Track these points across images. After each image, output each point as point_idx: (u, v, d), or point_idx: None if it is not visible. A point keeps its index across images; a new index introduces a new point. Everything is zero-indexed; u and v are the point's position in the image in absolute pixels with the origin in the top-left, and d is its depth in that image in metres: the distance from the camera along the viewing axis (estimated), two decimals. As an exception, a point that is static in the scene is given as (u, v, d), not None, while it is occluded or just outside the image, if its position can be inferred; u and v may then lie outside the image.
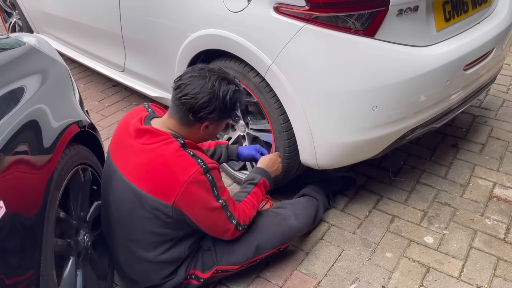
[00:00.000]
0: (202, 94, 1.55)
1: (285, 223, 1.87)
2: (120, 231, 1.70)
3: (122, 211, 1.66)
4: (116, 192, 1.66)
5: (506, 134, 2.83)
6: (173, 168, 1.54)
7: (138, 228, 1.64)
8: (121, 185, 1.63)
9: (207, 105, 1.56)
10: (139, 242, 1.67)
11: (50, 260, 1.37)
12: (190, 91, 1.56)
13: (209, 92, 1.56)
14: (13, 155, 1.25)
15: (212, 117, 1.59)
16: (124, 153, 1.65)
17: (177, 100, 1.59)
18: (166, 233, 1.64)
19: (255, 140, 2.31)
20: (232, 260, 1.77)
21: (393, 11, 1.82)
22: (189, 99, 1.56)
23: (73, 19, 3.14)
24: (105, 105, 3.34)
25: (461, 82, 2.11)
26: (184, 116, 1.60)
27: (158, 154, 1.56)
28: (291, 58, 1.85)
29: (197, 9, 2.15)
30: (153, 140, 1.58)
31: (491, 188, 2.40)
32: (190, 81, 1.58)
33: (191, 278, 1.76)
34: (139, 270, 1.72)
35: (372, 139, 1.96)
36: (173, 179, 1.53)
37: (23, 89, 1.47)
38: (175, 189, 1.53)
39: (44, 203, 1.35)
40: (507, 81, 3.46)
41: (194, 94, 1.55)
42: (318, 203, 2.12)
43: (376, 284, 1.89)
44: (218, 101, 1.57)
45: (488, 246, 2.06)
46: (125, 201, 1.63)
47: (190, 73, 1.61)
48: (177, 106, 1.59)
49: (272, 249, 1.84)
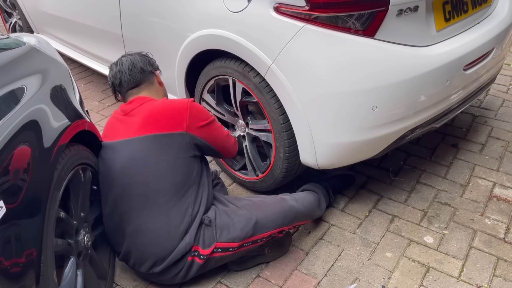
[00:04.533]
0: (133, 60, 1.95)
1: (284, 203, 1.92)
2: (132, 195, 1.75)
3: (133, 173, 1.75)
4: (124, 159, 1.77)
5: (506, 134, 2.83)
6: (172, 105, 1.81)
7: (152, 180, 1.74)
8: (129, 146, 1.77)
9: (142, 61, 1.96)
10: (151, 197, 1.73)
11: (50, 260, 1.38)
12: (128, 66, 1.93)
13: (132, 59, 1.96)
14: (13, 155, 1.25)
15: (154, 66, 2.00)
16: (122, 129, 1.83)
17: (129, 75, 1.92)
18: (178, 174, 1.75)
19: (255, 140, 2.31)
20: (231, 235, 1.78)
21: (393, 11, 1.82)
22: (133, 67, 1.93)
23: (73, 19, 3.14)
24: (105, 105, 3.34)
25: (461, 82, 2.11)
26: (145, 75, 1.95)
27: (154, 105, 1.82)
28: (291, 58, 1.85)
29: (197, 9, 2.16)
30: (143, 101, 1.86)
31: (491, 188, 2.40)
32: (119, 67, 1.95)
33: (194, 255, 1.77)
34: (151, 232, 1.73)
35: (372, 139, 1.96)
36: (177, 110, 1.79)
37: (23, 89, 1.47)
38: (183, 116, 1.78)
39: (44, 203, 1.35)
40: (507, 81, 3.46)
41: (131, 63, 1.94)
42: (319, 196, 2.13)
43: (376, 284, 1.90)
44: (142, 56, 2.00)
45: (488, 246, 2.06)
46: (136, 160, 1.75)
47: (114, 70, 1.96)
48: (133, 75, 1.92)
49: (273, 229, 1.85)
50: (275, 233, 1.87)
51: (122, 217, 1.78)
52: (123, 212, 1.78)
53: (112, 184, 1.79)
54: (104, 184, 1.83)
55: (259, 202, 1.91)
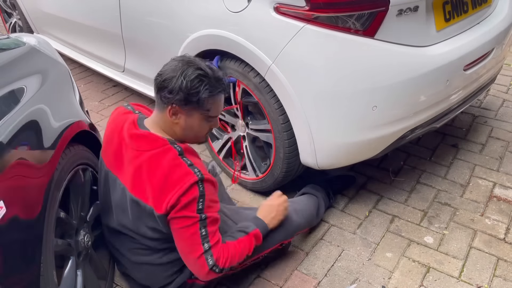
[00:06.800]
0: (168, 72, 1.52)
1: (285, 219, 1.85)
2: (125, 238, 1.69)
3: (125, 219, 1.64)
4: (118, 202, 1.65)
5: (506, 134, 2.83)
6: (169, 179, 1.48)
7: (141, 234, 1.62)
8: (123, 195, 1.61)
9: (168, 83, 1.50)
10: (143, 245, 1.66)
11: (50, 260, 1.38)
12: (162, 72, 1.55)
13: (173, 70, 1.52)
14: (13, 155, 1.25)
15: (172, 97, 1.50)
16: (122, 161, 1.61)
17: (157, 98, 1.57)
18: (167, 238, 1.60)
19: (255, 140, 2.31)
20: None
21: (393, 11, 1.82)
22: (157, 77, 1.54)
23: (73, 20, 3.14)
24: (105, 105, 3.34)
25: (461, 82, 2.11)
26: (157, 99, 1.56)
27: (155, 163, 1.52)
28: (291, 58, 1.85)
29: (197, 9, 2.16)
30: (149, 147, 1.55)
31: (491, 188, 2.40)
32: (167, 66, 1.57)
33: (194, 278, 1.75)
34: (147, 270, 1.71)
35: (372, 139, 1.96)
36: (169, 189, 1.48)
37: (23, 89, 1.47)
38: (169, 200, 1.47)
39: (44, 203, 1.35)
40: (507, 81, 3.46)
41: (162, 72, 1.54)
42: (319, 201, 2.13)
43: (376, 284, 1.89)
44: (179, 80, 1.49)
45: (488, 246, 2.06)
46: (126, 211, 1.62)
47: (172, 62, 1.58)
48: (156, 91, 1.56)
49: (273, 245, 1.84)
50: (276, 248, 1.86)
51: (117, 248, 1.75)
52: (117, 245, 1.74)
53: (108, 213, 1.73)
54: (102, 204, 1.77)
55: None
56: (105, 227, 1.78)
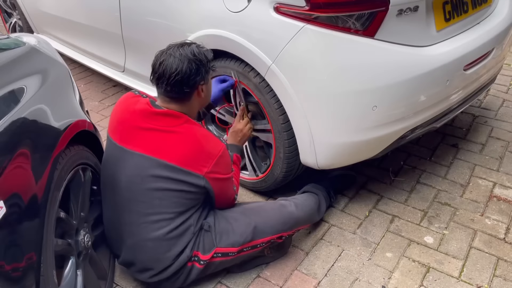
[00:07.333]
0: (180, 65, 1.66)
1: (284, 209, 1.92)
2: (134, 211, 1.72)
3: (139, 190, 1.70)
4: (133, 173, 1.71)
5: (506, 134, 2.83)
6: (204, 144, 1.71)
7: (157, 203, 1.70)
8: (141, 163, 1.69)
9: (190, 70, 1.66)
10: (155, 217, 1.70)
11: (50, 260, 1.38)
12: (171, 71, 1.66)
13: (182, 60, 1.66)
14: (13, 155, 1.25)
15: (201, 77, 1.70)
16: (140, 137, 1.71)
17: (168, 86, 1.68)
18: (184, 204, 1.72)
19: (255, 140, 2.31)
20: (230, 240, 1.78)
21: (393, 11, 1.82)
22: (177, 76, 1.66)
23: (73, 19, 3.14)
24: (105, 105, 3.34)
25: (461, 82, 2.11)
26: (182, 93, 1.70)
27: (189, 133, 1.70)
28: (291, 58, 1.85)
29: (197, 9, 2.16)
30: (177, 122, 1.71)
31: (491, 188, 2.40)
32: (164, 66, 1.68)
33: (194, 260, 1.77)
34: (151, 250, 1.73)
35: (372, 139, 1.96)
36: (206, 153, 1.70)
37: (23, 89, 1.47)
38: (209, 162, 1.70)
39: (44, 203, 1.35)
40: (507, 81, 3.46)
41: (175, 70, 1.65)
42: (319, 198, 2.13)
43: (376, 284, 1.89)
44: (194, 61, 1.67)
45: (488, 246, 2.06)
46: (145, 179, 1.69)
47: (159, 60, 1.70)
48: (172, 90, 1.69)
49: (272, 235, 1.84)
50: (274, 238, 1.86)
51: (123, 228, 1.77)
52: (124, 224, 1.76)
53: (115, 193, 1.76)
54: (107, 187, 1.81)
55: (258, 208, 1.91)
56: (112, 208, 1.79)
